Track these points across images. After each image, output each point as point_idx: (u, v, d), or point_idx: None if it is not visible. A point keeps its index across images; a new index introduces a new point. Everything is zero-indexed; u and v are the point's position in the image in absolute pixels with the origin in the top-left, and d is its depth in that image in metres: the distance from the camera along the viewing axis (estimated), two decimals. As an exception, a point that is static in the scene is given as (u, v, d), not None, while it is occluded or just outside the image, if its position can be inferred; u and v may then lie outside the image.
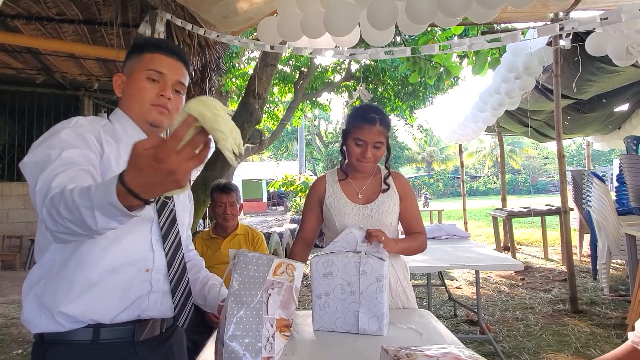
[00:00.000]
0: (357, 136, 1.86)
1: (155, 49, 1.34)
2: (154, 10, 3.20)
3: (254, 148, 10.04)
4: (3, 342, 4.08)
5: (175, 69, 1.36)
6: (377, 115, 1.85)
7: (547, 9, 4.25)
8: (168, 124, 1.35)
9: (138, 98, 1.31)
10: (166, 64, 1.33)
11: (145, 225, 1.26)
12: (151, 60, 1.32)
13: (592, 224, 5.43)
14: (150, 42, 1.39)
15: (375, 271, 1.59)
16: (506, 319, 4.42)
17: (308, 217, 2.03)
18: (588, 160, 11.12)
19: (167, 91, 1.32)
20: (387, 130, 1.89)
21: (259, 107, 4.96)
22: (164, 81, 1.32)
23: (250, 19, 3.84)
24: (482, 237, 10.81)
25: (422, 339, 1.55)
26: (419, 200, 16.30)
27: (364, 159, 1.87)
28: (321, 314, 1.64)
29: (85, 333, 1.18)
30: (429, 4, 2.87)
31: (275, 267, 1.08)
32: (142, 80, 1.31)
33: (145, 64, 1.32)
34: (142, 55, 1.33)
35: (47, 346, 1.18)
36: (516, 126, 8.55)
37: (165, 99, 1.32)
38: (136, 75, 1.32)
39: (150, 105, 1.31)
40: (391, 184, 1.97)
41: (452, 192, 38.16)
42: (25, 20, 3.74)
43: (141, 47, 1.36)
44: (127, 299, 1.21)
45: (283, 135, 27.65)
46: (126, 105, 1.34)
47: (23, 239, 7.75)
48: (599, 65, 4.82)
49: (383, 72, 10.53)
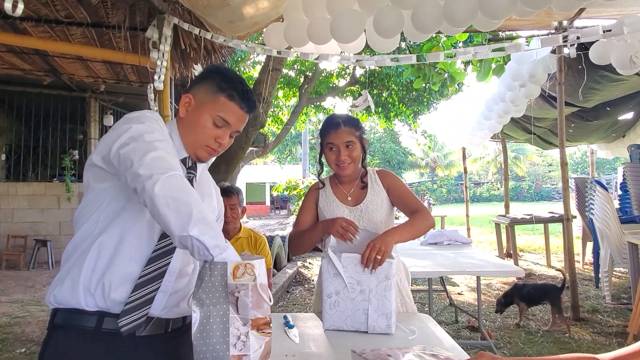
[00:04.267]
0: (328, 141, 1.96)
1: (233, 98, 1.36)
2: (162, 14, 3.23)
3: (257, 151, 10.07)
4: (7, 340, 4.11)
5: (242, 120, 1.40)
6: (340, 119, 1.96)
7: (552, 17, 4.28)
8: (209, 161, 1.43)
9: (198, 134, 1.36)
10: (236, 116, 1.38)
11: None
12: (224, 108, 1.35)
13: (594, 232, 5.43)
14: (232, 86, 1.38)
15: (384, 269, 1.65)
16: (507, 325, 4.42)
17: (304, 215, 2.09)
18: (592, 168, 11.09)
19: (225, 139, 1.38)
20: (355, 129, 1.96)
21: (263, 110, 5.00)
22: (226, 129, 1.38)
23: (256, 24, 3.87)
24: (484, 243, 10.79)
25: (414, 338, 1.58)
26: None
27: (340, 161, 1.94)
28: (331, 312, 1.68)
29: (90, 319, 1.21)
30: (435, 13, 2.90)
31: (233, 270, 1.09)
32: (208, 122, 1.35)
33: (218, 107, 1.35)
34: (219, 95, 1.36)
35: (54, 329, 1.24)
36: (520, 133, 8.55)
37: (220, 145, 1.39)
38: (205, 111, 1.35)
39: (205, 146, 1.37)
40: (377, 182, 2.05)
41: (455, 198, 38.00)
42: (34, 23, 3.78)
43: (222, 85, 1.37)
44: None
45: (287, 139, 27.68)
46: (184, 131, 1.39)
47: (28, 238, 7.80)
48: (603, 73, 4.84)
49: (387, 78, 10.56)
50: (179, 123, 1.40)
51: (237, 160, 5.04)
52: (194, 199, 1.11)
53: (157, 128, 1.28)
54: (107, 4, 3.48)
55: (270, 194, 29.92)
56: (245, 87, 1.41)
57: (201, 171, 1.47)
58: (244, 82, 1.43)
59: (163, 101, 3.45)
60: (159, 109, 3.46)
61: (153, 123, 1.28)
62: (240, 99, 1.37)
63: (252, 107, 1.42)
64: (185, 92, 1.41)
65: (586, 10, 4.10)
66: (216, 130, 1.36)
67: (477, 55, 3.07)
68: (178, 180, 1.13)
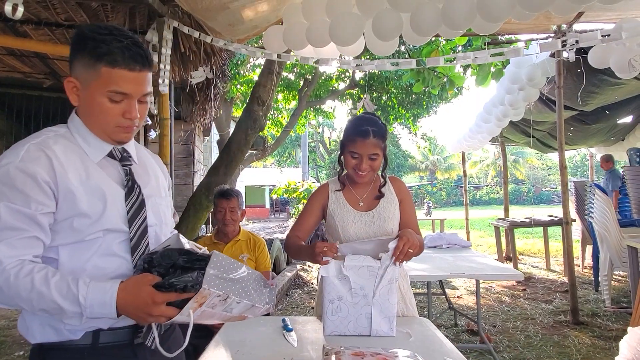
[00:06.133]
0: (352, 149, 1.89)
1: (115, 63, 1.13)
2: (161, 17, 3.24)
3: (257, 154, 10.08)
4: (5, 343, 4.10)
5: (140, 81, 1.18)
6: (370, 128, 1.87)
7: (550, 21, 4.28)
8: (133, 136, 1.27)
9: (101, 119, 1.18)
10: (129, 81, 1.15)
11: (118, 239, 1.22)
12: (110, 79, 1.13)
13: (594, 235, 5.43)
14: (108, 48, 1.13)
15: (387, 274, 1.64)
16: (507, 329, 4.41)
17: (307, 219, 2.03)
18: (591, 172, 11.09)
19: (133, 111, 1.18)
20: (382, 141, 1.90)
21: (263, 114, 5.00)
22: (129, 100, 1.17)
23: (255, 27, 3.88)
24: (484, 246, 10.78)
25: (411, 341, 1.59)
26: (421, 208, 16.28)
27: (360, 170, 1.89)
28: (333, 318, 1.68)
29: (85, 338, 1.18)
30: (433, 16, 2.91)
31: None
32: (104, 101, 1.15)
33: (103, 82, 1.14)
34: (97, 68, 1.13)
35: (46, 351, 1.19)
36: (519, 136, 8.57)
37: (134, 119, 1.19)
38: (94, 91, 1.15)
39: (115, 127, 1.19)
40: (390, 189, 2.01)
41: (455, 201, 38.01)
42: (34, 26, 3.79)
43: (96, 52, 1.13)
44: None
45: (287, 142, 27.70)
46: (87, 120, 1.20)
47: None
48: (602, 77, 4.84)
49: (387, 81, 10.57)
50: (79, 114, 1.22)
51: (237, 162, 5.03)
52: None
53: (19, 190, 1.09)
54: (107, 7, 3.49)
55: (269, 197, 29.92)
56: (125, 40, 1.14)
57: (136, 153, 1.33)
58: (121, 34, 1.16)
59: (162, 104, 3.45)
60: (158, 111, 3.46)
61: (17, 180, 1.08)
62: (125, 59, 1.13)
63: (145, 60, 1.17)
64: (68, 75, 1.18)
65: (585, 14, 4.11)
66: (118, 106, 1.16)
67: (477, 60, 3.09)
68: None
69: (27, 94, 7.74)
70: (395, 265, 1.64)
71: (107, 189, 1.19)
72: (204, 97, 4.76)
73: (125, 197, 1.22)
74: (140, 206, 1.24)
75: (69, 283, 1.06)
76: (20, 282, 1.04)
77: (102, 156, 1.22)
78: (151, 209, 1.28)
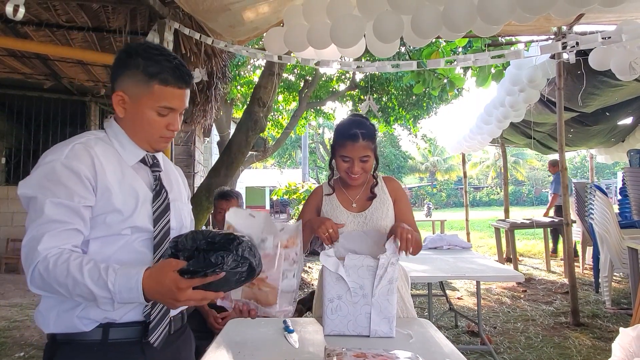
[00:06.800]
0: (343, 153, 1.90)
1: (167, 82, 1.27)
2: (162, 19, 3.24)
3: (257, 155, 10.09)
4: (5, 345, 4.10)
5: (184, 98, 1.32)
6: (359, 131, 1.87)
7: (551, 23, 4.29)
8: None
9: (148, 130, 1.31)
10: (177, 98, 1.30)
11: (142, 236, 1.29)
12: (162, 96, 1.27)
13: (594, 236, 5.43)
14: (161, 67, 1.27)
15: (387, 274, 1.65)
16: (507, 330, 4.41)
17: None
18: (591, 173, 11.10)
19: (176, 124, 1.33)
20: (372, 142, 1.91)
21: (263, 115, 5.00)
22: (173, 114, 1.32)
23: (256, 29, 3.89)
24: (484, 248, 10.78)
25: (413, 342, 1.58)
26: (422, 210, 16.29)
27: (352, 173, 1.90)
28: (332, 317, 1.68)
29: (95, 332, 1.22)
30: (434, 18, 2.91)
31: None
32: (153, 115, 1.29)
33: (155, 98, 1.27)
34: (150, 85, 1.26)
35: (58, 345, 1.23)
36: (519, 138, 8.57)
37: (175, 130, 1.33)
38: (145, 106, 1.28)
39: (159, 137, 1.33)
40: (384, 189, 2.02)
41: (455, 203, 38.01)
42: (35, 27, 3.80)
43: (149, 71, 1.26)
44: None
45: (287, 143, 27.70)
46: (130, 130, 1.32)
47: (27, 242, 7.77)
48: (603, 79, 4.85)
49: (387, 82, 10.57)
50: (121, 124, 1.33)
51: (237, 164, 5.03)
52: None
53: (68, 181, 1.18)
54: (108, 8, 3.49)
55: (270, 198, 29.91)
56: (174, 61, 1.29)
57: (162, 161, 1.45)
58: (169, 55, 1.30)
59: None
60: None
61: (63, 174, 1.18)
62: (175, 78, 1.28)
63: (188, 80, 1.32)
64: (113, 88, 1.31)
65: (585, 16, 4.11)
66: (164, 119, 1.30)
67: (477, 62, 3.09)
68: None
69: (28, 95, 7.76)
70: (395, 265, 1.65)
71: (139, 189, 1.29)
72: (204, 98, 4.76)
73: (152, 199, 1.31)
74: (165, 209, 1.33)
75: (100, 270, 1.10)
76: (58, 269, 1.10)
77: (135, 161, 1.33)
78: (174, 212, 1.38)
